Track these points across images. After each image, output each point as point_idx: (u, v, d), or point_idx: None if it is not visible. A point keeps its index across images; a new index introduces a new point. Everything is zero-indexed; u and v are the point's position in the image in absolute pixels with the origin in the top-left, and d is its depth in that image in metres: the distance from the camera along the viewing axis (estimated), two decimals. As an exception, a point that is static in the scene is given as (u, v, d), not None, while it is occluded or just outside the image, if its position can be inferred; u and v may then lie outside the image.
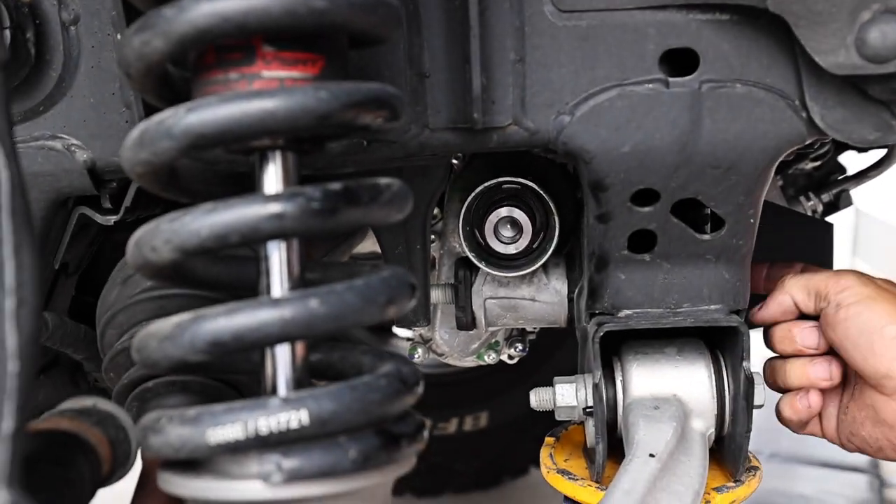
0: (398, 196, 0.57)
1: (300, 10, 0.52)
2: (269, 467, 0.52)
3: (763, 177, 0.77)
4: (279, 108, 0.51)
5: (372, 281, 0.55)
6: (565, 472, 0.92)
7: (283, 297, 0.52)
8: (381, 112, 0.56)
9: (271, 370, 0.57)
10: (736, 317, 0.84)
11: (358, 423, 0.53)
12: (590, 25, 0.73)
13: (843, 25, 0.66)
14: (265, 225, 0.52)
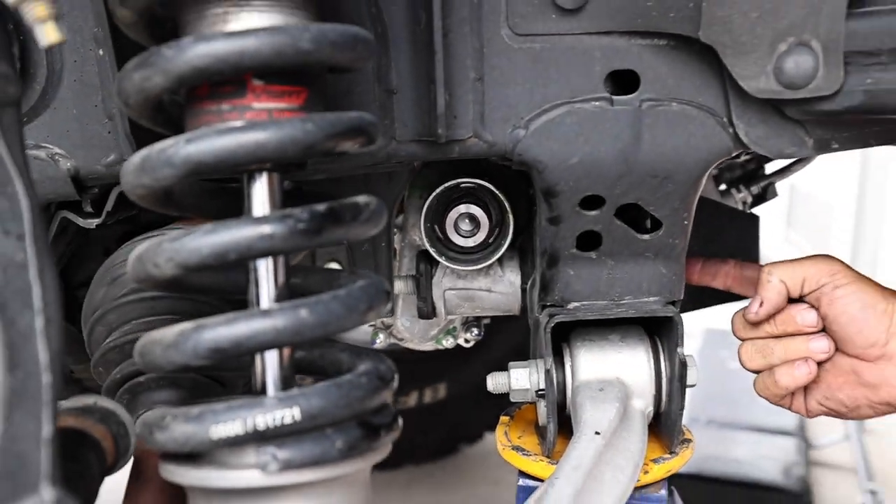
0: (375, 213, 0.64)
1: (288, 51, 0.58)
2: (266, 458, 0.59)
3: (696, 185, 0.85)
4: (270, 140, 0.58)
5: (353, 291, 0.62)
6: (519, 449, 1.00)
7: (276, 308, 0.59)
8: (360, 139, 0.63)
9: (261, 371, 0.63)
10: (672, 307, 0.93)
11: (343, 416, 0.60)
12: (542, 48, 0.80)
13: (764, 55, 0.74)
14: (258, 244, 0.58)
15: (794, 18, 0.73)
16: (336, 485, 0.62)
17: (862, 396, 0.92)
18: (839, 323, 0.89)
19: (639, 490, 0.97)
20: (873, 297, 0.88)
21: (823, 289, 0.90)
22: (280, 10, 0.61)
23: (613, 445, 0.91)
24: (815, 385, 0.95)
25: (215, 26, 0.60)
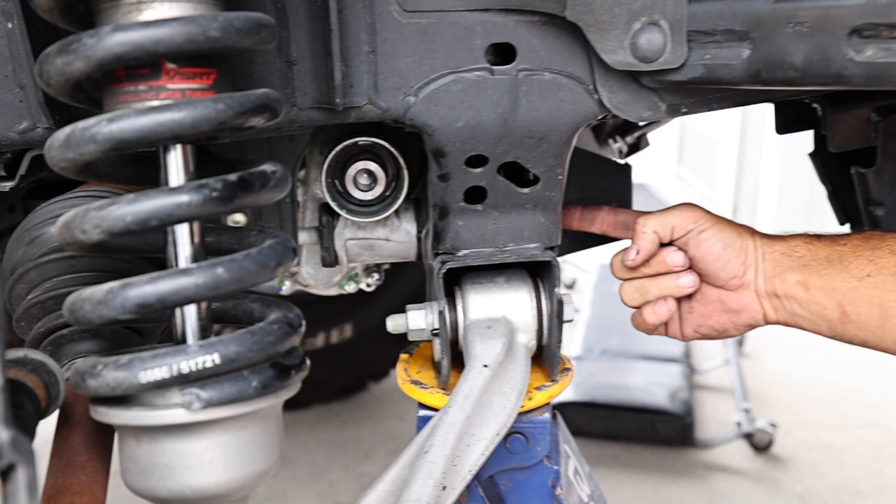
0: (281, 180, 0.73)
1: (198, 39, 0.65)
2: (190, 398, 0.67)
3: (567, 144, 0.96)
4: (185, 119, 0.65)
5: (264, 249, 0.70)
6: (417, 383, 1.11)
7: (195, 267, 0.67)
8: (266, 115, 0.71)
9: (181, 322, 0.72)
10: (550, 252, 1.04)
11: (258, 360, 0.69)
12: (429, 23, 0.89)
13: (621, 33, 0.84)
14: (177, 212, 0.66)
15: (645, 1, 0.83)
16: (252, 418, 0.71)
17: (728, 321, 1.05)
18: (706, 261, 1.02)
19: (525, 414, 1.09)
20: (731, 236, 1.01)
21: (690, 234, 1.02)
22: (189, 0, 0.67)
23: (500, 376, 1.02)
24: (689, 315, 1.08)
25: (130, 15, 0.66)
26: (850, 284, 0.91)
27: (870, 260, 0.90)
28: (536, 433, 1.09)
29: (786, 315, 0.98)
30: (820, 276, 0.94)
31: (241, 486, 0.72)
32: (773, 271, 0.98)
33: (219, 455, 0.70)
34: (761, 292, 1.00)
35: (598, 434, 2.77)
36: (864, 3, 0.75)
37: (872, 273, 0.89)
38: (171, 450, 0.69)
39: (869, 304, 0.90)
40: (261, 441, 0.73)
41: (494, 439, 0.97)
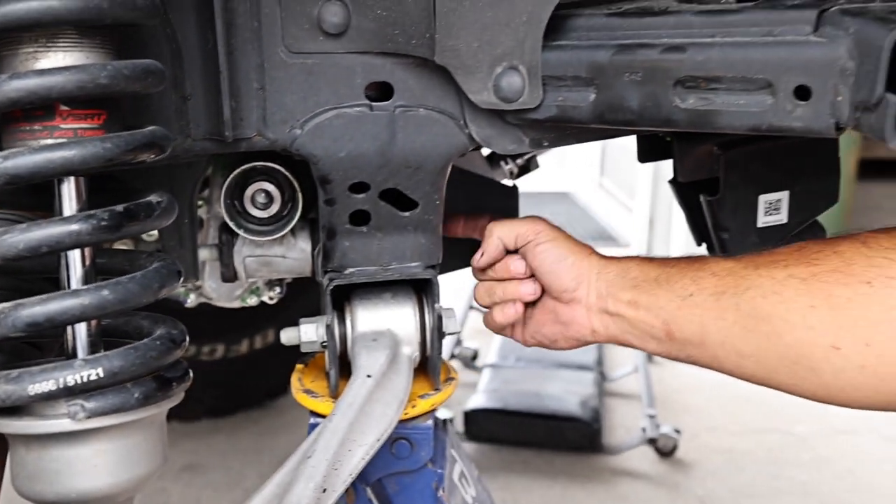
0: (166, 209, 0.81)
1: (89, 85, 0.73)
2: (75, 408, 0.75)
3: (442, 172, 1.05)
4: (75, 156, 0.73)
5: (149, 273, 0.78)
6: (309, 391, 1.19)
7: (83, 289, 0.75)
8: (152, 151, 0.79)
9: (72, 338, 0.79)
10: (431, 270, 1.13)
11: (140, 373, 0.77)
12: (313, 63, 0.98)
13: (485, 76, 0.94)
14: (67, 240, 0.73)
15: (505, 48, 0.93)
16: (135, 426, 0.79)
17: (558, 332, 1.13)
18: (540, 272, 1.10)
19: (410, 421, 1.18)
20: (564, 252, 1.09)
21: (529, 244, 1.11)
22: (82, 49, 0.75)
23: (383, 385, 1.10)
24: (529, 321, 1.16)
25: (27, 63, 0.74)
26: (675, 303, 0.98)
27: (693, 280, 0.97)
28: (420, 439, 1.18)
29: (616, 331, 1.06)
30: (648, 296, 1.01)
31: (125, 490, 0.80)
32: (607, 290, 1.06)
33: (103, 461, 0.77)
34: (592, 308, 1.07)
35: (510, 440, 2.86)
36: (685, 58, 0.86)
37: (695, 293, 0.96)
38: (58, 456, 0.76)
39: (690, 322, 0.97)
40: (143, 448, 0.80)
41: (375, 445, 1.05)
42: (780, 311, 0.88)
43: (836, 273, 0.85)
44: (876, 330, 0.82)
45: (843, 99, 0.78)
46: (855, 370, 0.84)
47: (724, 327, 0.93)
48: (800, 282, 0.88)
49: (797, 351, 0.88)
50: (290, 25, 0.95)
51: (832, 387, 0.87)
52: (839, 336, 0.84)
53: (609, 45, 0.91)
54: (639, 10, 0.94)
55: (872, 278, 0.82)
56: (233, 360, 2.68)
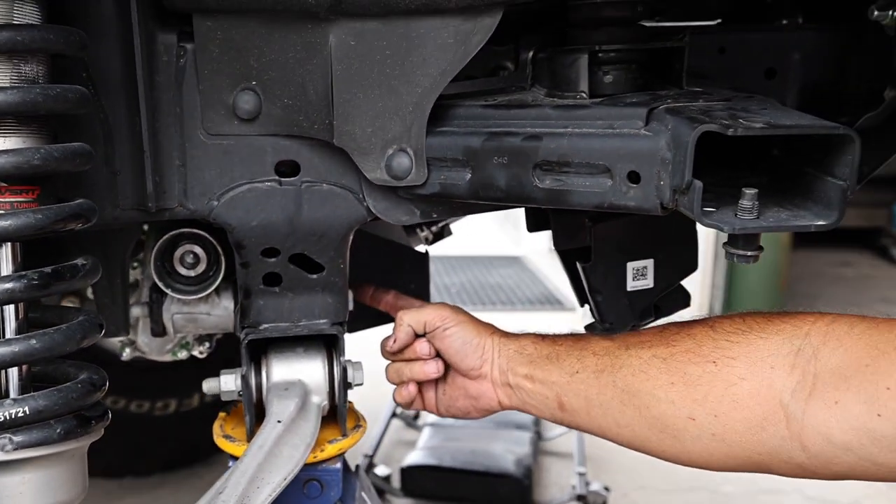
0: (90, 271, 0.94)
1: (24, 167, 0.86)
2: (3, 441, 0.86)
3: (345, 240, 1.19)
4: (11, 226, 0.86)
5: (73, 325, 0.91)
6: (228, 436, 1.30)
7: (14, 339, 0.87)
8: (79, 221, 0.92)
9: (5, 381, 0.91)
10: (338, 326, 1.25)
11: (62, 412, 0.89)
12: (229, 144, 1.12)
13: (378, 156, 1.08)
14: (2, 296, 0.86)
15: (395, 133, 1.07)
16: (58, 458, 0.91)
17: (470, 405, 1.27)
18: (448, 354, 1.25)
19: (320, 464, 1.30)
20: (470, 334, 1.23)
21: (437, 330, 1.25)
22: (20, 135, 0.89)
23: (291, 430, 1.22)
24: (443, 396, 1.31)
25: (-28, 147, 0.87)
26: (564, 379, 1.12)
27: (578, 359, 1.12)
28: (329, 480, 1.30)
29: (518, 402, 1.20)
30: (542, 371, 1.15)
31: (48, 515, 0.91)
32: (507, 365, 1.20)
33: (28, 488, 0.89)
34: (497, 382, 1.21)
35: (445, 496, 2.95)
36: (541, 146, 1.01)
37: (580, 370, 1.11)
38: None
39: (577, 396, 1.10)
40: (64, 478, 0.92)
41: (282, 483, 1.16)
42: (648, 388, 1.03)
43: (688, 353, 1.00)
44: (720, 403, 0.96)
45: (665, 183, 0.93)
46: (708, 438, 0.97)
47: (604, 402, 1.07)
48: (661, 361, 1.02)
49: (662, 422, 1.01)
50: (208, 111, 1.10)
51: (692, 452, 1.00)
52: (693, 409, 0.98)
53: (481, 132, 1.07)
54: (508, 102, 1.10)
55: (717, 358, 0.97)
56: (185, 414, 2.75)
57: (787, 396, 0.91)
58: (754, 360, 0.94)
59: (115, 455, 2.57)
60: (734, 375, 0.95)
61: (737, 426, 0.95)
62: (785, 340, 0.93)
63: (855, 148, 0.86)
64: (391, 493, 2.93)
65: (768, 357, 0.93)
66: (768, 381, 0.92)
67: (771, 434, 0.92)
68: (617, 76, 1.07)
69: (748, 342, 0.96)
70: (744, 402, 0.94)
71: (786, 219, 0.88)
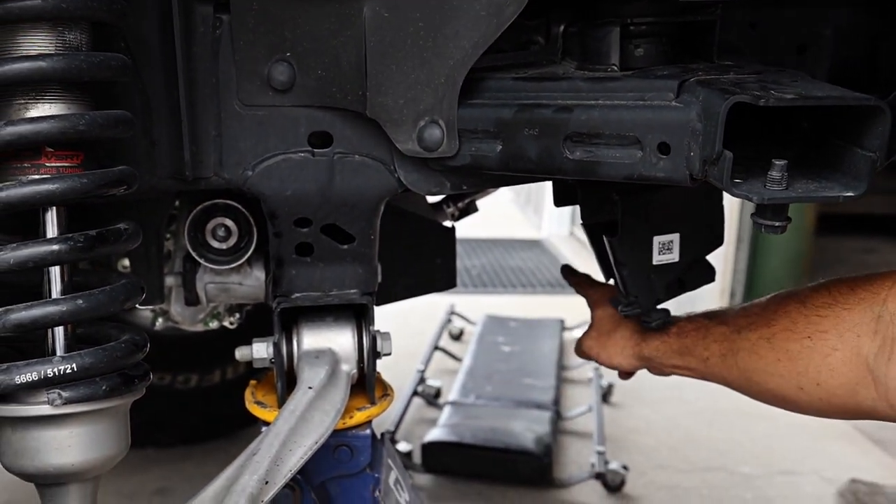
0: (132, 235, 0.97)
1: (69, 131, 0.89)
2: (53, 396, 0.90)
3: (376, 211, 1.21)
4: (57, 189, 0.89)
5: (116, 287, 0.94)
6: (260, 403, 1.34)
7: (61, 298, 0.90)
8: (121, 186, 0.95)
9: (52, 340, 0.94)
10: (368, 297, 1.28)
11: (107, 369, 0.92)
12: (263, 115, 1.14)
13: (410, 128, 1.10)
14: (48, 257, 0.89)
15: (426, 105, 1.09)
16: (102, 414, 0.94)
17: None
18: None
19: (349, 430, 1.33)
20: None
21: None
22: (65, 101, 0.91)
23: (322, 396, 1.25)
24: None
25: (19, 112, 0.90)
26: (701, 366, 1.31)
27: (704, 347, 1.29)
28: (359, 445, 1.33)
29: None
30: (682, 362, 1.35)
31: (93, 468, 0.94)
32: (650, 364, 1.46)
33: (75, 442, 0.92)
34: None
35: (465, 472, 2.99)
36: (572, 118, 1.03)
37: (709, 357, 1.28)
38: (38, 436, 0.91)
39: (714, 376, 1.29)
40: (109, 433, 0.95)
41: (313, 447, 1.19)
42: (761, 366, 1.18)
43: (786, 332, 1.14)
44: (819, 373, 1.09)
45: (695, 154, 0.94)
46: (818, 402, 1.11)
47: (734, 380, 1.25)
48: (766, 341, 1.17)
49: (780, 393, 1.16)
50: (243, 82, 1.12)
51: (809, 412, 1.15)
52: (799, 381, 1.12)
53: (513, 105, 1.09)
54: (539, 75, 1.11)
55: (811, 333, 1.10)
56: (206, 389, 2.80)
57: (871, 361, 1.02)
58: (842, 331, 1.06)
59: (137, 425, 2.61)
60: (828, 347, 1.07)
61: (837, 391, 1.08)
62: (866, 309, 1.04)
63: (886, 119, 0.87)
64: (412, 469, 2.96)
65: (854, 327, 1.04)
66: (856, 348, 1.04)
67: (864, 396, 1.04)
68: (648, 49, 1.08)
69: (835, 315, 1.07)
70: (839, 370, 1.06)
71: (814, 189, 0.89)
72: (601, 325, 1.52)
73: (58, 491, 0.95)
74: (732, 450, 3.36)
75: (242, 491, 1.06)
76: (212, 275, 1.40)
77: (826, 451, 3.29)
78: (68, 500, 0.95)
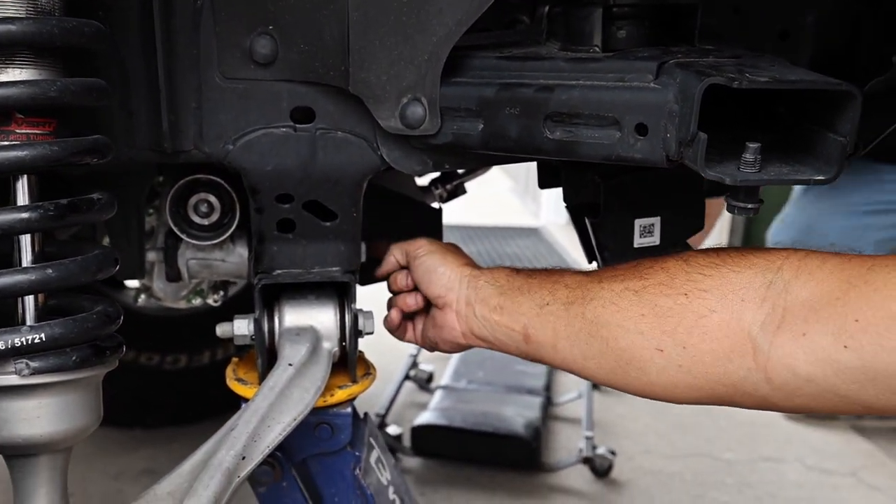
0: (106, 205, 0.96)
1: (40, 98, 0.88)
2: (21, 366, 0.89)
3: (358, 188, 1.21)
4: (27, 156, 0.87)
5: (89, 258, 0.93)
6: (241, 380, 1.33)
7: (31, 267, 0.89)
8: (95, 156, 0.94)
9: (22, 310, 0.93)
10: (349, 274, 1.28)
11: (77, 340, 0.91)
12: (245, 88, 1.13)
13: (392, 105, 1.09)
14: (18, 225, 0.88)
15: (409, 82, 1.08)
16: (72, 385, 0.93)
17: (436, 335, 1.28)
18: (418, 282, 1.29)
19: (330, 408, 1.32)
20: (436, 262, 1.26)
21: (410, 259, 1.29)
22: (36, 67, 0.90)
23: (302, 374, 1.24)
24: (419, 325, 1.35)
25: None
26: (534, 311, 1.11)
27: (550, 291, 1.11)
28: (339, 423, 1.33)
29: (485, 334, 1.19)
30: (511, 302, 1.14)
31: (63, 439, 0.94)
32: (475, 296, 1.19)
33: (44, 412, 0.91)
34: (461, 313, 1.21)
35: (454, 456, 2.99)
36: (552, 97, 1.02)
37: (550, 302, 1.10)
38: (6, 407, 0.90)
39: (545, 328, 1.10)
40: (80, 404, 0.94)
41: (292, 423, 1.18)
42: (617, 319, 1.02)
43: (661, 286, 1.00)
44: (689, 335, 0.96)
45: (671, 136, 0.94)
46: (675, 369, 0.97)
47: (572, 333, 1.07)
48: (633, 293, 1.02)
49: (630, 353, 1.01)
50: (224, 54, 1.11)
51: (657, 384, 1.01)
52: (662, 340, 0.98)
53: (495, 83, 1.08)
54: (522, 55, 1.10)
55: (689, 291, 0.97)
56: (195, 370, 2.80)
57: (755, 329, 0.90)
58: (725, 292, 0.94)
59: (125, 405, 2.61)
60: (705, 308, 0.95)
61: (704, 358, 0.95)
62: (757, 274, 0.92)
63: (857, 104, 0.86)
64: (402, 452, 2.96)
65: (739, 290, 0.92)
66: (738, 313, 0.92)
67: (737, 366, 0.92)
68: (630, 31, 1.07)
69: (720, 275, 0.95)
70: (712, 334, 0.94)
71: (787, 173, 0.89)
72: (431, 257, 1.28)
73: (27, 462, 0.94)
74: (719, 436, 3.37)
75: (219, 465, 1.05)
76: (194, 251, 1.40)
77: (808, 439, 3.32)
78: (38, 472, 0.94)
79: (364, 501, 1.36)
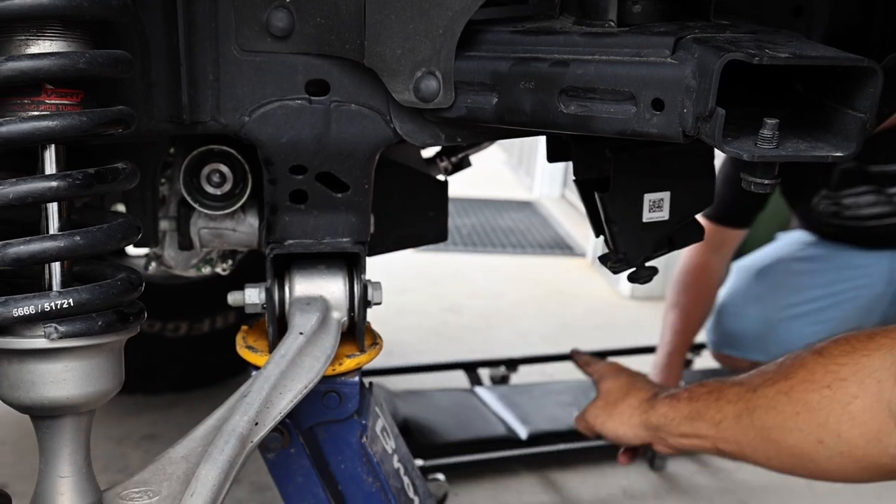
0: (130, 175, 0.98)
1: (69, 69, 0.89)
2: (50, 329, 0.91)
3: (370, 161, 1.22)
4: (56, 126, 0.89)
5: (114, 226, 0.95)
6: (251, 347, 1.36)
7: (59, 234, 0.91)
8: (120, 126, 0.95)
9: (49, 276, 0.95)
10: (360, 245, 1.30)
11: (103, 306, 0.94)
12: (261, 60, 1.15)
13: (406, 78, 1.11)
14: (47, 193, 0.90)
15: (423, 56, 1.10)
16: (97, 350, 0.95)
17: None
18: None
19: (338, 377, 1.35)
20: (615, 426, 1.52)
21: None
22: (65, 39, 0.91)
23: (312, 342, 1.27)
24: None
25: (20, 48, 0.90)
26: (712, 431, 1.27)
27: (717, 410, 1.26)
28: (347, 392, 1.36)
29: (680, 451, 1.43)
30: (692, 429, 1.31)
31: (87, 402, 0.96)
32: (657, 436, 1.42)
33: (70, 375, 0.94)
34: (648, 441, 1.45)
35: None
36: (567, 72, 1.04)
37: (722, 420, 1.24)
38: (34, 369, 0.93)
39: (728, 442, 1.25)
40: (104, 368, 0.97)
41: (303, 391, 1.21)
42: (779, 422, 1.14)
43: (805, 383, 1.10)
44: (839, 423, 1.06)
45: (688, 111, 0.96)
46: (838, 457, 1.07)
47: (750, 441, 1.20)
48: (784, 395, 1.13)
49: (798, 449, 1.12)
50: (242, 27, 1.12)
51: (829, 472, 1.11)
52: (819, 433, 1.08)
53: (509, 58, 1.10)
54: (536, 29, 1.12)
55: (830, 382, 1.07)
56: (196, 338, 2.83)
57: (894, 406, 0.98)
58: (862, 377, 1.03)
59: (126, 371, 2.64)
60: (848, 395, 1.04)
61: (858, 441, 1.04)
62: (886, 354, 1.01)
63: (877, 80, 0.88)
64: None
65: (874, 373, 1.01)
66: (877, 394, 1.01)
67: (887, 444, 1.01)
68: (646, 6, 1.09)
69: (854, 362, 1.04)
70: (860, 418, 1.03)
71: (804, 149, 0.91)
72: (608, 395, 1.50)
73: (52, 423, 0.97)
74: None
75: (233, 431, 1.08)
76: (206, 220, 1.41)
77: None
78: (63, 432, 0.97)
79: (370, 468, 1.40)
